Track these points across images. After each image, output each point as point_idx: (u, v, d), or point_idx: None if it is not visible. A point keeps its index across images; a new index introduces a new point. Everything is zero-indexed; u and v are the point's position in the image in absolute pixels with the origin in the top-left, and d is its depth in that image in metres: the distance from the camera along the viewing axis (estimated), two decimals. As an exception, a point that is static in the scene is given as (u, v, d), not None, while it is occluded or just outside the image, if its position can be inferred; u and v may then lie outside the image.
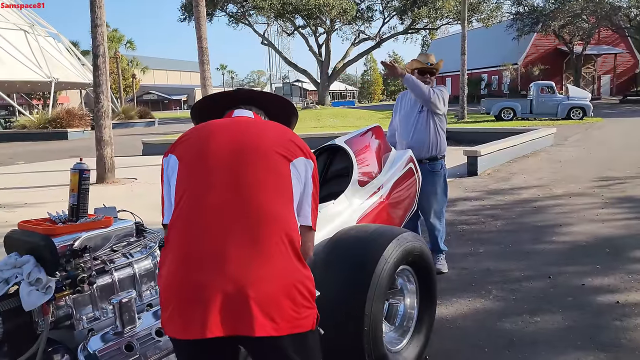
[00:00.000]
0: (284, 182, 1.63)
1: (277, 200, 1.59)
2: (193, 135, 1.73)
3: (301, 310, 1.51)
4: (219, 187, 1.57)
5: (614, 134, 15.64)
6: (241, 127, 1.74)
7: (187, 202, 1.57)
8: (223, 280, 1.44)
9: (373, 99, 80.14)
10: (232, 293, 1.43)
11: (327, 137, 12.31)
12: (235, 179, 1.58)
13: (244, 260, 1.47)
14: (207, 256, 1.48)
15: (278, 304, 1.47)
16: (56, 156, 15.46)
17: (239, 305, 1.43)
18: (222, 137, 1.68)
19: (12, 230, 2.22)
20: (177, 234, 1.55)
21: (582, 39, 39.41)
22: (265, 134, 1.72)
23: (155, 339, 2.13)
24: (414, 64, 4.17)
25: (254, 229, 1.52)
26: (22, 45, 28.79)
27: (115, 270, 2.22)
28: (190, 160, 1.65)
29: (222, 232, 1.51)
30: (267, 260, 1.49)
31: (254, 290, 1.44)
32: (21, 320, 1.95)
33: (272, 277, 1.48)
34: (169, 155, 1.71)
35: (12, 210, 7.15)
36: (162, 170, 1.72)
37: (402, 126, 4.25)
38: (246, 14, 37.36)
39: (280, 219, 1.57)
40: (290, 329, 1.49)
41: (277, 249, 1.52)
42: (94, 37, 9.44)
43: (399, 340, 2.72)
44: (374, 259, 2.38)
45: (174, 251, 1.54)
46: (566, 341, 2.99)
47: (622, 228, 5.33)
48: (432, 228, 4.23)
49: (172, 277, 1.51)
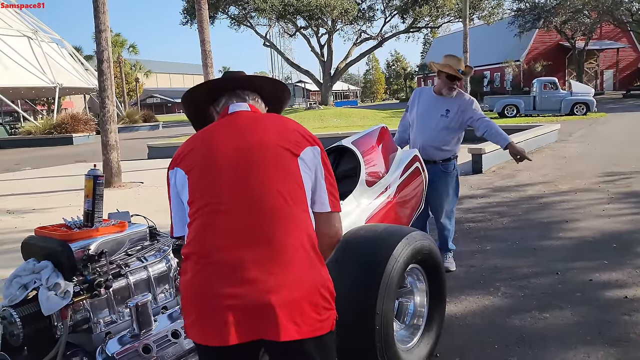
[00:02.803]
0: (294, 180, 1.63)
1: (290, 200, 1.59)
2: (196, 145, 1.70)
3: (322, 313, 1.53)
4: (230, 195, 1.57)
5: (618, 129, 15.61)
6: (243, 127, 1.71)
7: (202, 214, 1.57)
8: (244, 288, 1.46)
9: (376, 98, 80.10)
10: (255, 300, 1.45)
11: (331, 137, 12.34)
12: (246, 184, 1.58)
13: (264, 266, 1.49)
14: (227, 265, 1.50)
15: (301, 309, 1.48)
16: (62, 161, 15.54)
17: (262, 311, 1.45)
18: (227, 143, 1.66)
19: (29, 236, 2.26)
20: (196, 245, 1.56)
21: (584, 34, 39.29)
22: (268, 131, 1.69)
23: (171, 340, 2.17)
24: (446, 67, 4.00)
25: (271, 233, 1.53)
26: (26, 51, 28.93)
27: (131, 274, 2.26)
28: (199, 172, 1.63)
29: (240, 240, 1.52)
30: (288, 265, 1.50)
31: (277, 297, 1.45)
32: (40, 324, 2.00)
33: (295, 282, 1.49)
34: (175, 168, 1.69)
35: (20, 216, 7.21)
36: (169, 182, 1.72)
37: (418, 124, 4.15)
38: (248, 16, 37.40)
39: (296, 220, 1.58)
40: (313, 331, 1.50)
41: (296, 253, 1.53)
42: (98, 43, 9.49)
43: (410, 339, 2.75)
44: (384, 259, 2.41)
45: (195, 262, 1.55)
46: (576, 336, 3.01)
47: (629, 223, 5.34)
48: (443, 228, 4.25)
49: (193, 286, 1.54)
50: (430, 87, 4.28)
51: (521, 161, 4.04)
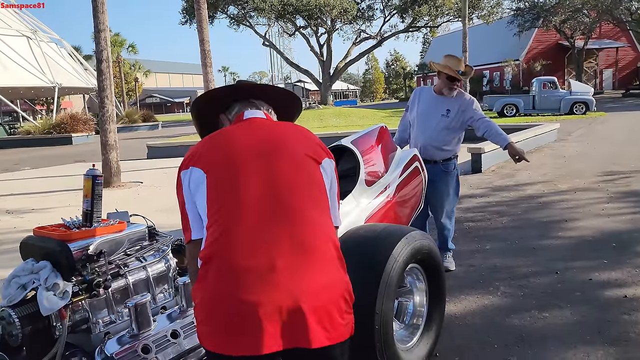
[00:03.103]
0: (319, 186, 1.63)
1: (316, 205, 1.58)
2: (214, 144, 1.65)
3: (346, 318, 1.52)
4: (255, 197, 1.52)
5: (617, 128, 15.61)
6: (264, 130, 1.69)
7: (224, 214, 1.51)
8: (275, 294, 1.41)
9: (375, 97, 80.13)
10: (286, 307, 1.40)
11: (331, 137, 12.34)
12: (270, 186, 1.54)
13: (294, 271, 1.45)
14: (255, 270, 1.43)
15: (330, 314, 1.46)
16: (61, 161, 15.53)
17: (293, 318, 1.41)
18: (249, 144, 1.62)
19: (28, 236, 2.26)
20: (219, 248, 1.48)
21: (584, 33, 39.32)
22: (291, 137, 1.68)
23: (170, 341, 2.17)
24: (446, 69, 3.99)
25: (299, 237, 1.49)
26: (25, 51, 28.92)
27: (130, 274, 2.26)
28: (219, 171, 1.57)
29: (267, 243, 1.47)
30: (317, 270, 1.48)
31: (307, 302, 1.42)
32: (39, 324, 2.00)
33: (324, 287, 1.47)
34: (190, 168, 1.61)
35: (19, 216, 7.20)
36: (181, 183, 1.62)
37: (419, 124, 4.15)
38: (247, 16, 37.39)
39: (323, 225, 1.57)
40: (340, 337, 1.48)
41: (324, 257, 1.51)
42: (97, 42, 9.49)
43: (409, 338, 2.74)
44: (383, 258, 2.40)
45: (218, 266, 1.46)
46: (575, 336, 3.01)
47: (628, 222, 5.34)
48: (443, 227, 4.24)
49: (217, 293, 1.45)
50: (430, 87, 4.27)
51: (519, 162, 4.05)
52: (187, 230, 1.62)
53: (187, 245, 1.65)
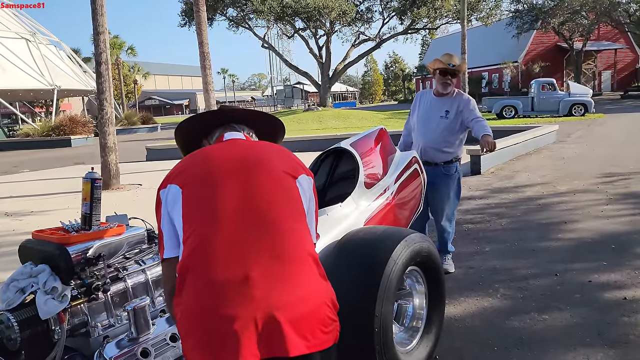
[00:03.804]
0: (295, 199, 1.65)
1: (294, 218, 1.60)
2: (191, 162, 1.68)
3: (329, 326, 1.52)
4: (233, 209, 1.53)
5: (616, 130, 15.63)
6: (241, 148, 1.73)
7: (201, 227, 1.51)
8: (253, 307, 1.41)
9: (374, 99, 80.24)
10: (264, 319, 1.40)
11: (330, 139, 12.35)
12: (248, 199, 1.56)
13: (270, 282, 1.45)
14: (232, 283, 1.43)
15: (310, 323, 1.47)
16: (60, 163, 15.52)
17: (271, 329, 1.41)
18: (226, 159, 1.65)
19: (27, 240, 2.25)
20: (195, 260, 1.48)
21: (582, 35, 39.41)
22: (268, 153, 1.72)
23: (169, 344, 2.16)
24: (436, 63, 4.05)
25: (279, 248, 1.51)
26: (24, 53, 28.95)
27: (129, 278, 2.26)
28: (196, 186, 1.59)
29: (244, 255, 1.47)
30: (295, 281, 1.49)
31: (285, 314, 1.42)
32: (38, 328, 1.99)
33: (303, 298, 1.48)
34: (167, 186, 1.64)
35: (18, 219, 7.19)
36: (159, 203, 1.65)
37: (419, 127, 4.17)
38: (246, 18, 37.41)
39: (301, 236, 1.58)
40: (321, 345, 1.49)
41: (303, 269, 1.52)
42: (96, 45, 9.49)
43: (409, 341, 2.74)
44: (382, 261, 2.40)
45: (195, 279, 1.46)
46: (575, 338, 3.01)
47: (627, 224, 5.34)
48: (443, 230, 4.24)
49: (194, 307, 1.45)
50: (430, 90, 4.28)
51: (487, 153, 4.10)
52: (161, 248, 1.63)
53: (162, 264, 1.66)
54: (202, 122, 1.90)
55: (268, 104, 64.68)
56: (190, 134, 1.91)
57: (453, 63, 4.02)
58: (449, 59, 4.05)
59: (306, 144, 14.07)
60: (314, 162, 3.54)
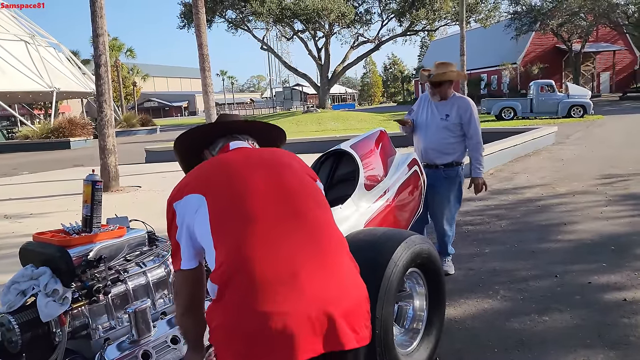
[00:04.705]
0: (321, 195, 1.68)
1: (324, 209, 1.62)
2: (209, 170, 1.65)
3: (369, 320, 1.54)
4: (266, 207, 1.53)
5: (615, 131, 15.64)
6: (256, 153, 1.74)
7: (234, 230, 1.49)
8: (305, 303, 1.40)
9: (373, 101, 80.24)
10: (318, 314, 1.40)
11: (329, 141, 12.35)
12: (280, 196, 1.56)
13: (319, 278, 1.45)
14: (281, 281, 1.42)
15: (358, 317, 1.48)
16: (60, 166, 15.51)
17: (326, 324, 1.41)
18: (245, 163, 1.64)
19: (28, 242, 2.25)
20: (234, 265, 1.44)
21: (581, 36, 39.47)
22: (285, 156, 1.73)
23: (170, 346, 2.16)
24: (421, 77, 4.20)
25: (317, 241, 1.52)
26: (23, 55, 28.94)
27: (130, 280, 2.26)
28: (222, 191, 1.56)
29: (286, 251, 1.47)
30: (339, 275, 1.50)
31: (337, 308, 1.43)
32: (39, 331, 1.99)
33: (349, 292, 1.49)
34: (184, 197, 1.60)
35: (18, 221, 7.17)
36: (174, 215, 1.61)
37: (420, 130, 4.20)
38: (245, 20, 37.42)
39: (334, 228, 1.60)
40: (365, 339, 1.50)
41: (343, 261, 1.54)
42: (95, 47, 9.48)
43: (410, 343, 2.74)
44: (383, 262, 2.41)
45: (238, 283, 1.42)
46: (575, 339, 3.01)
47: (627, 225, 5.35)
48: (443, 233, 4.23)
49: (241, 311, 1.40)
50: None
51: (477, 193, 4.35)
52: (177, 260, 1.60)
53: (176, 274, 1.64)
54: (204, 133, 1.88)
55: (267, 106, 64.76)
56: (192, 145, 1.89)
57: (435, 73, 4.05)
58: (434, 69, 4.08)
59: (305, 146, 14.07)
60: (314, 164, 3.54)
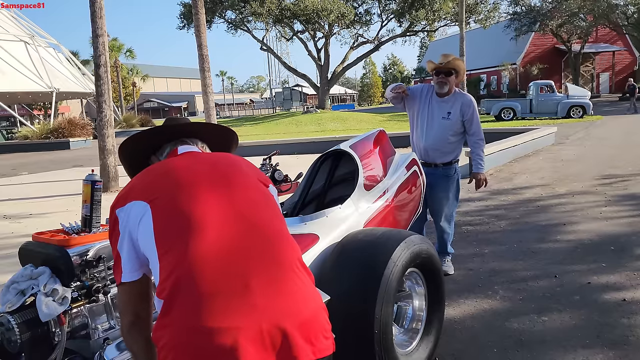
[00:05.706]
0: (274, 203, 1.61)
1: (278, 220, 1.54)
2: (154, 176, 1.56)
3: (328, 332, 1.46)
4: (216, 216, 1.43)
5: (614, 132, 15.66)
6: (205, 158, 1.65)
7: (182, 241, 1.38)
8: (257, 316, 1.31)
9: (373, 101, 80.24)
10: (270, 327, 1.31)
11: (329, 141, 12.35)
12: (231, 205, 1.47)
13: (271, 290, 1.37)
14: (232, 293, 1.33)
15: (313, 328, 1.40)
16: (59, 166, 15.51)
17: (279, 337, 1.32)
18: (194, 169, 1.55)
19: (27, 242, 2.25)
20: (181, 276, 1.34)
21: (580, 37, 39.51)
22: (236, 162, 1.65)
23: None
24: (429, 65, 4.14)
25: (270, 253, 1.44)
26: (23, 56, 28.95)
27: (129, 279, 2.25)
28: (168, 198, 1.46)
29: (240, 263, 1.38)
30: (292, 287, 1.41)
31: (291, 320, 1.35)
32: (38, 330, 1.99)
33: (304, 304, 1.41)
34: (127, 204, 1.49)
35: (17, 221, 7.18)
36: (116, 222, 1.50)
37: (420, 128, 4.15)
38: (245, 20, 37.42)
39: (288, 239, 1.52)
40: (325, 351, 1.42)
41: (296, 273, 1.45)
42: (95, 47, 9.49)
43: (409, 343, 2.75)
44: (382, 262, 2.41)
45: (188, 295, 1.32)
46: (574, 339, 3.01)
47: (626, 226, 5.35)
48: (442, 232, 4.24)
49: (193, 324, 1.29)
50: (432, 87, 4.18)
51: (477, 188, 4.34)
52: (118, 271, 1.49)
53: (118, 288, 1.51)
54: (149, 138, 1.78)
55: (267, 107, 64.77)
56: (137, 150, 1.78)
57: (444, 61, 4.04)
58: (442, 59, 4.08)
59: (305, 146, 14.09)
60: (313, 164, 3.54)
